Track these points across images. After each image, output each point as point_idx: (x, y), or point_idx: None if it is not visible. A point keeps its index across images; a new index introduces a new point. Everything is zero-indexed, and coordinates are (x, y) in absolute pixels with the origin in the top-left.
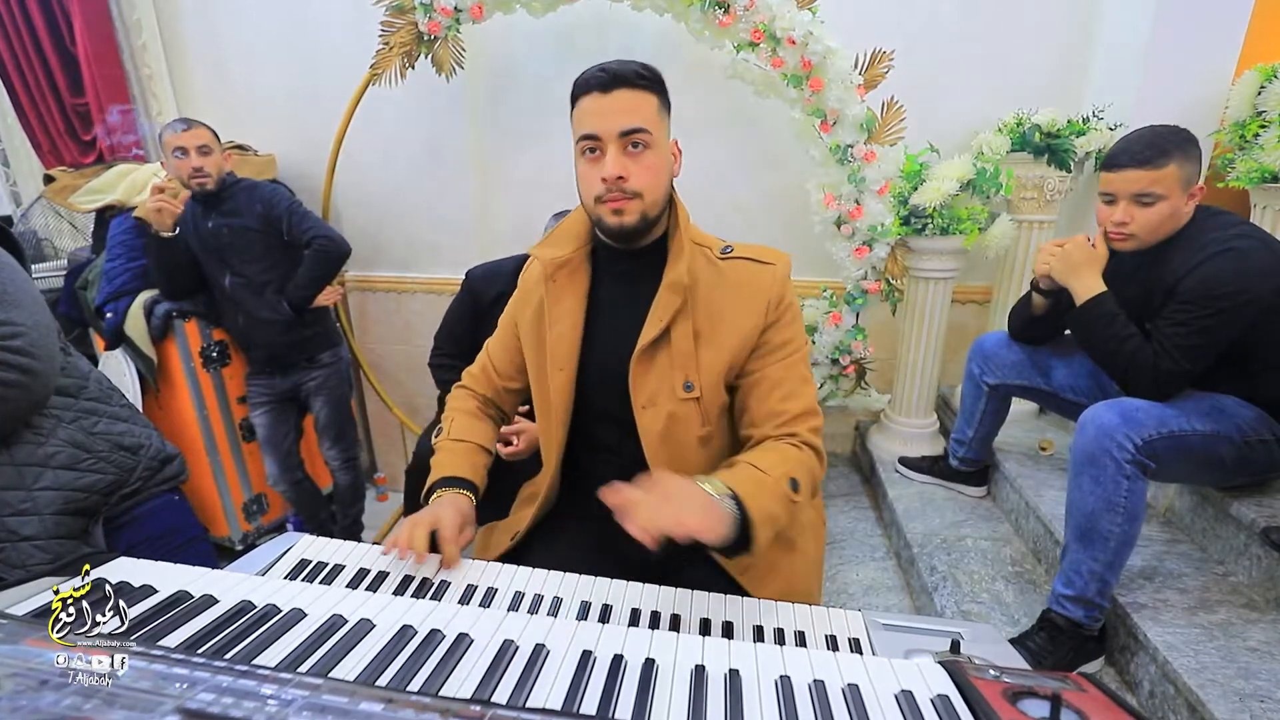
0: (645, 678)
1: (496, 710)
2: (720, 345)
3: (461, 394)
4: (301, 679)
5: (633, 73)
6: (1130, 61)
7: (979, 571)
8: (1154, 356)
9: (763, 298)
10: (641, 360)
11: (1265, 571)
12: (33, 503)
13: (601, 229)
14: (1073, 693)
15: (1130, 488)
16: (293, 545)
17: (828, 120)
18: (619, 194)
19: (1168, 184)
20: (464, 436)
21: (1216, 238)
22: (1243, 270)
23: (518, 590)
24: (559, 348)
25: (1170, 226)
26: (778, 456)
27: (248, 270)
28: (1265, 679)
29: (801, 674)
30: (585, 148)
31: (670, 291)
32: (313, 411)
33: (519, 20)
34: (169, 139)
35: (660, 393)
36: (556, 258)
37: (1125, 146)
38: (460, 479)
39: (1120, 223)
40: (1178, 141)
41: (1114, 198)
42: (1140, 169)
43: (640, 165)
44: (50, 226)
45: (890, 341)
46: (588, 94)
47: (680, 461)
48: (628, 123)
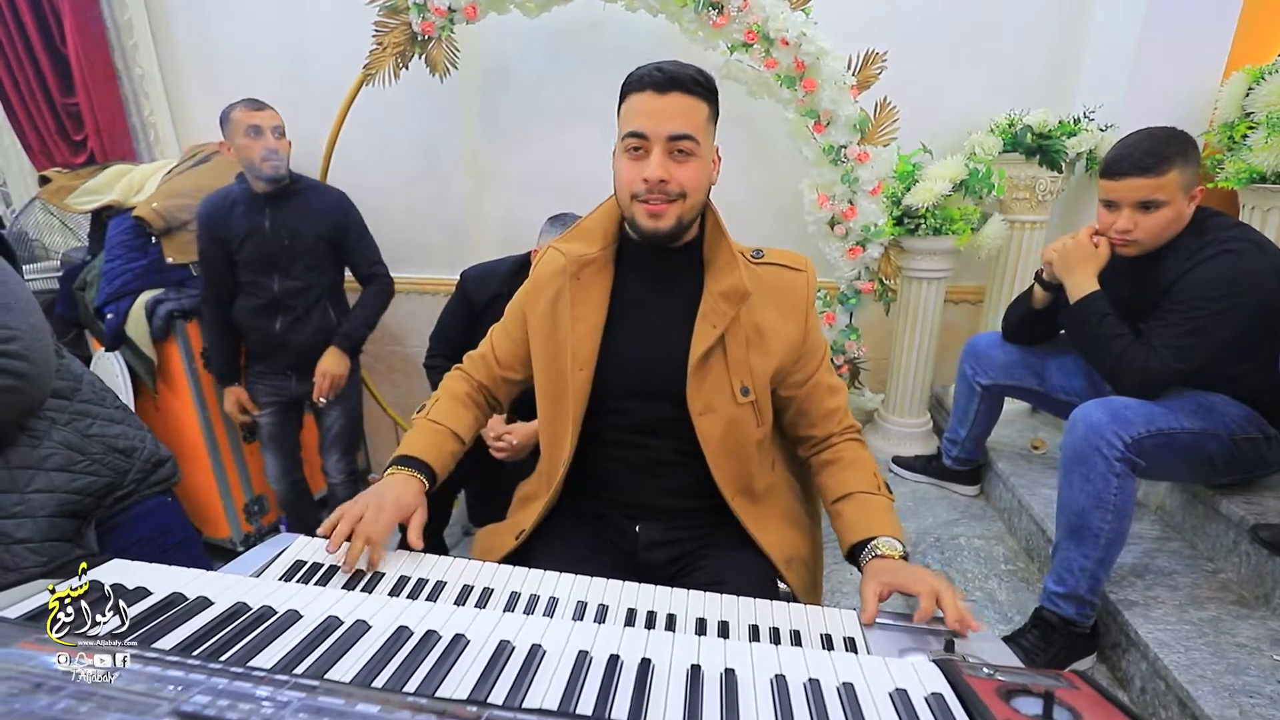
0: (641, 678)
1: (493, 711)
2: (768, 350)
3: (456, 376)
4: (297, 680)
5: (689, 78)
6: (1120, 64)
7: (972, 570)
8: (1145, 356)
9: (801, 304)
10: (697, 368)
11: (1254, 568)
12: (26, 505)
13: (634, 228)
14: (1065, 690)
15: (1120, 485)
16: (287, 546)
17: (821, 121)
18: (660, 197)
19: (1170, 190)
20: (441, 420)
21: (1211, 240)
22: (1237, 273)
23: (514, 591)
24: (582, 346)
25: (1174, 230)
26: (867, 473)
27: (303, 276)
28: (1254, 674)
29: (797, 673)
30: (631, 145)
31: (725, 300)
32: (326, 421)
33: (513, 20)
34: (240, 116)
35: (718, 399)
36: (584, 255)
37: (1126, 153)
38: (419, 461)
39: (1124, 230)
40: (1179, 146)
41: (1116, 204)
42: (1142, 177)
43: (683, 171)
44: (40, 224)
45: (884, 341)
46: (642, 91)
47: (739, 463)
48: (678, 128)
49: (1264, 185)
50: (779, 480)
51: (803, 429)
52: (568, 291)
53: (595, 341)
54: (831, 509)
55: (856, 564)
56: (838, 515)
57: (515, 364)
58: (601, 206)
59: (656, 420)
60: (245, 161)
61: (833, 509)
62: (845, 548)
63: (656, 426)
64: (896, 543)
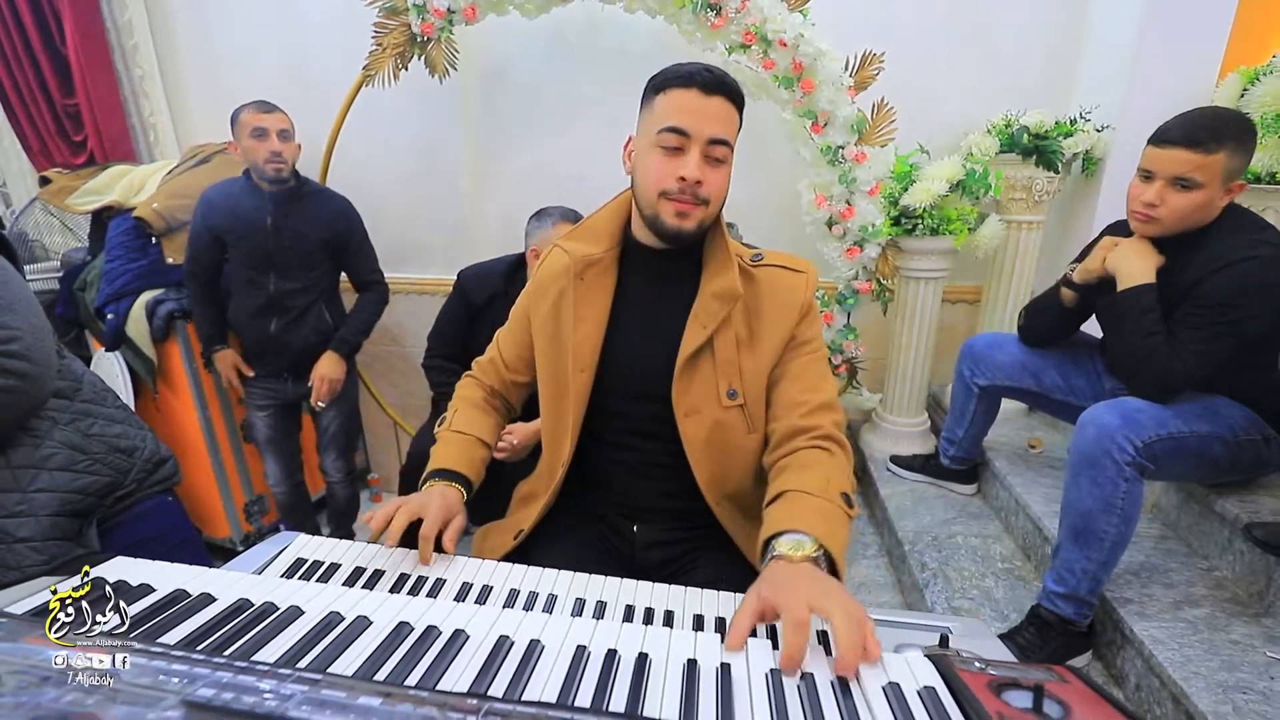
0: (639, 671)
1: (493, 703)
2: (761, 353)
3: (469, 383)
4: (300, 674)
5: (733, 86)
6: (1117, 65)
7: (969, 568)
8: (1169, 358)
9: (797, 305)
10: (684, 369)
11: (1248, 566)
12: (28, 505)
13: (655, 226)
14: (1055, 683)
15: (1129, 490)
16: (288, 544)
17: (819, 121)
18: (690, 198)
19: (1211, 172)
20: (465, 429)
21: (1239, 242)
22: (1263, 281)
23: (513, 588)
24: (583, 347)
25: (1198, 218)
26: (819, 474)
27: (300, 278)
28: (1247, 671)
29: None
30: (668, 141)
31: (716, 300)
32: (323, 421)
33: (512, 21)
34: (247, 118)
35: (704, 401)
36: (589, 255)
37: (1181, 123)
38: (454, 472)
39: (1150, 203)
40: (1236, 131)
41: (1152, 175)
42: (1190, 150)
43: (714, 176)
44: (40, 224)
45: (881, 341)
46: (688, 89)
47: (726, 468)
48: (719, 132)
49: (1259, 185)
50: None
51: (767, 421)
52: (571, 291)
53: (597, 343)
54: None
55: None
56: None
57: (521, 366)
58: (608, 205)
59: (649, 421)
60: (250, 162)
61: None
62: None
63: (650, 429)
64: (806, 539)
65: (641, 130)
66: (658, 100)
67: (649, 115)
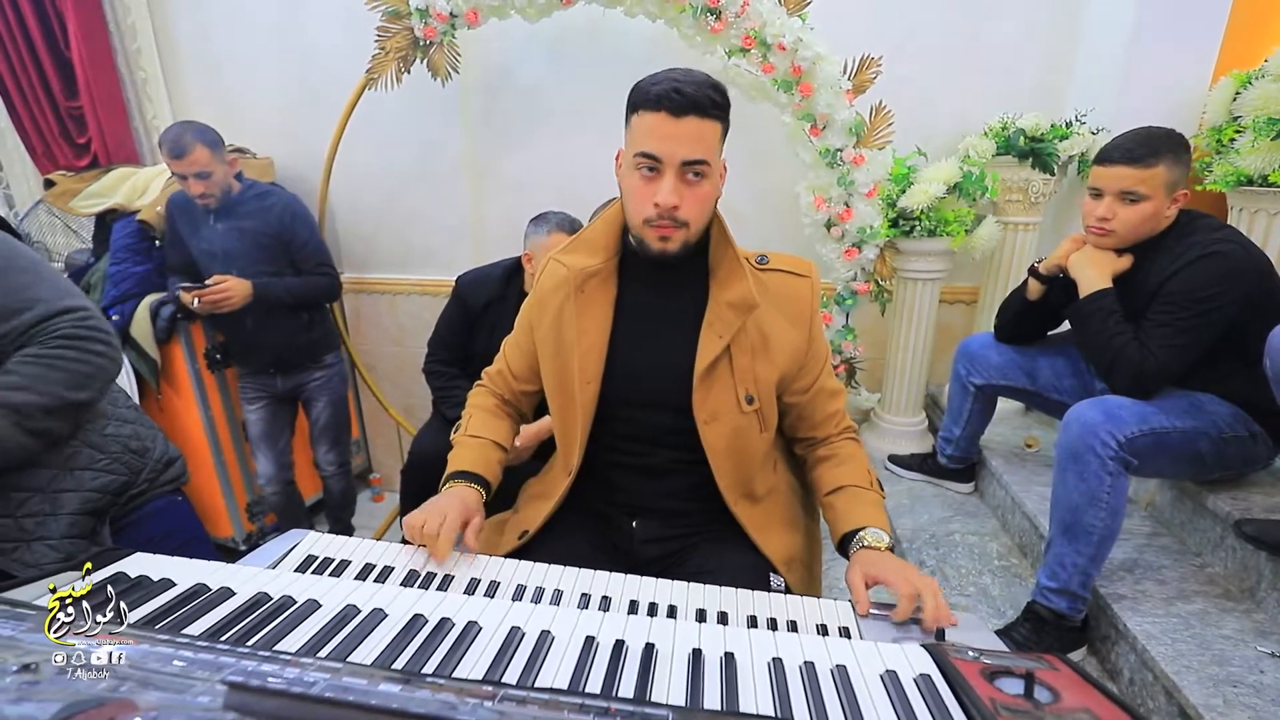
0: (646, 661)
1: (507, 690)
2: (772, 358)
3: (481, 391)
4: (323, 663)
5: (707, 99)
6: (1111, 68)
7: (966, 566)
8: (1141, 355)
9: (806, 312)
10: (703, 378)
11: (1240, 562)
12: (51, 504)
13: (642, 250)
14: (1045, 671)
15: (1113, 484)
16: (298, 542)
17: (817, 124)
18: (669, 222)
19: (1154, 184)
20: (480, 433)
21: (1198, 241)
22: (1224, 272)
23: (519, 583)
24: (588, 360)
25: (1149, 228)
26: (861, 469)
27: (259, 276)
28: (1238, 665)
29: (793, 657)
30: (643, 164)
31: (731, 310)
32: (313, 413)
33: (513, 25)
34: (166, 163)
35: (724, 408)
36: (587, 267)
37: (1119, 143)
38: (472, 474)
39: (1102, 218)
40: (1170, 144)
41: (1101, 192)
42: (1130, 166)
43: (694, 194)
44: (43, 226)
45: (879, 341)
46: (657, 112)
47: (745, 469)
48: (692, 153)
49: (1251, 188)
50: (780, 481)
51: (803, 431)
52: (572, 305)
53: (601, 355)
54: (824, 501)
55: (846, 554)
56: (830, 508)
57: (529, 376)
58: (604, 216)
59: (661, 429)
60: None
61: (825, 501)
62: (836, 538)
63: (661, 435)
64: (884, 534)
65: (626, 146)
66: (633, 121)
67: (629, 133)
